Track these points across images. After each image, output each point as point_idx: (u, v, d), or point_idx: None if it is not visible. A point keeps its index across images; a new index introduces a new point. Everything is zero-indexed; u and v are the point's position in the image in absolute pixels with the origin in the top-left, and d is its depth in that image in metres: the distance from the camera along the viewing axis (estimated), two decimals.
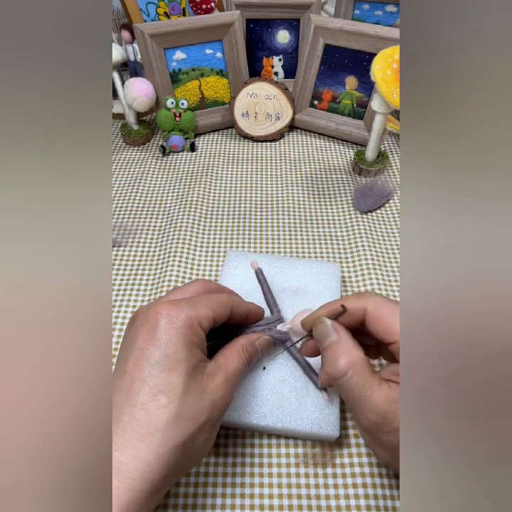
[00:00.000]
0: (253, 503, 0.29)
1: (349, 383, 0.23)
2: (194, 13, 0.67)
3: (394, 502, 0.29)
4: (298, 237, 0.48)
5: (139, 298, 0.42)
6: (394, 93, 0.46)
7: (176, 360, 0.23)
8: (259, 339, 0.30)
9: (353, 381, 0.23)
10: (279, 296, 0.36)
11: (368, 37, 0.55)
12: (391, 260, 0.46)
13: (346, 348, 0.25)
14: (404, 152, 0.21)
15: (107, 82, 0.21)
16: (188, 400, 0.23)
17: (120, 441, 0.21)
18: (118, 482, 0.20)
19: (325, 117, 0.63)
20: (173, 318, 0.24)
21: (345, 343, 0.25)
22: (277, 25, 0.67)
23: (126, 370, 0.23)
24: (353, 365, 0.24)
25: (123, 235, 0.49)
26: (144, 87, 0.56)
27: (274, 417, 0.30)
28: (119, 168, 0.59)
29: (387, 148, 0.63)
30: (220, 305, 0.27)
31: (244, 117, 0.62)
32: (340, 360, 0.24)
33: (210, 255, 0.46)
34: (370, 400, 0.23)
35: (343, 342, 0.25)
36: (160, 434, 0.21)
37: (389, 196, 0.53)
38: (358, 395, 0.23)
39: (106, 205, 0.20)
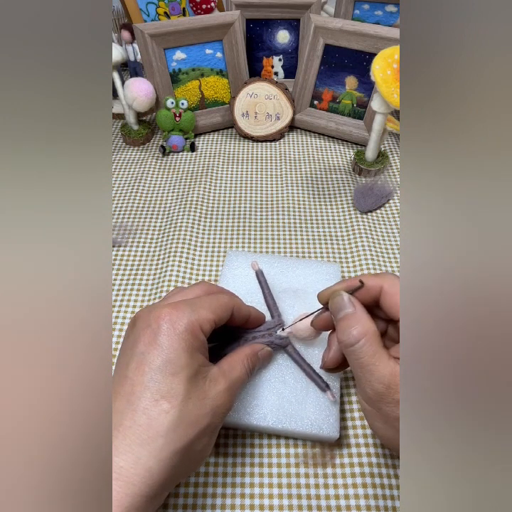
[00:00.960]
0: (253, 503, 0.29)
1: (360, 351, 0.25)
2: (194, 13, 0.67)
3: (394, 502, 0.29)
4: (298, 237, 0.48)
5: (139, 298, 0.42)
6: (394, 93, 0.46)
7: (178, 365, 0.23)
8: (262, 350, 0.30)
9: (364, 349, 0.25)
10: (280, 297, 0.36)
11: (368, 37, 0.55)
12: (391, 260, 0.46)
13: (361, 319, 0.26)
14: (404, 152, 0.21)
15: (107, 82, 0.21)
16: (190, 406, 0.23)
17: (121, 446, 0.21)
18: (118, 487, 0.20)
19: (325, 117, 0.63)
20: (175, 323, 0.24)
21: (360, 315, 0.26)
22: (277, 25, 0.67)
23: (127, 375, 0.23)
24: (366, 335, 0.25)
25: (123, 235, 0.49)
26: (144, 87, 0.56)
27: (274, 417, 0.30)
28: (119, 168, 0.59)
29: (387, 148, 0.63)
30: (221, 306, 0.27)
31: (244, 117, 0.62)
32: (354, 329, 0.25)
33: (210, 255, 0.46)
34: (378, 369, 0.24)
35: (358, 314, 0.26)
36: (161, 440, 0.21)
37: (389, 196, 0.53)
38: (366, 363, 0.24)
39: (106, 205, 0.20)
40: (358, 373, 0.25)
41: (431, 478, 0.17)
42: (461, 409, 0.17)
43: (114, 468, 0.20)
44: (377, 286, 0.27)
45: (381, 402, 0.24)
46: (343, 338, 0.26)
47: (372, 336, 0.25)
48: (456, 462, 0.17)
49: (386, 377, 0.23)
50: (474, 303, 0.18)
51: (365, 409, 0.26)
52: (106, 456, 0.18)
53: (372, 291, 0.27)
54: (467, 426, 0.17)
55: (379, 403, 0.24)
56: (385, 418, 0.24)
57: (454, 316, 0.18)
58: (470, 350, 0.18)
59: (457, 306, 0.18)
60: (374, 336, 0.25)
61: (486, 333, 0.18)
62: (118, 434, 0.21)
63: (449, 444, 0.17)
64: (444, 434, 0.17)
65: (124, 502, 0.20)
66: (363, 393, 0.25)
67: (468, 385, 0.17)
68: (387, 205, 0.53)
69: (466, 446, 0.17)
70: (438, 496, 0.17)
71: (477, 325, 0.18)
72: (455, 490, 0.17)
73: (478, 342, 0.18)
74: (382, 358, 0.24)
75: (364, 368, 0.24)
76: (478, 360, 0.18)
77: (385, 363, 0.24)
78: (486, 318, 0.18)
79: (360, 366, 0.25)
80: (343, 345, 0.26)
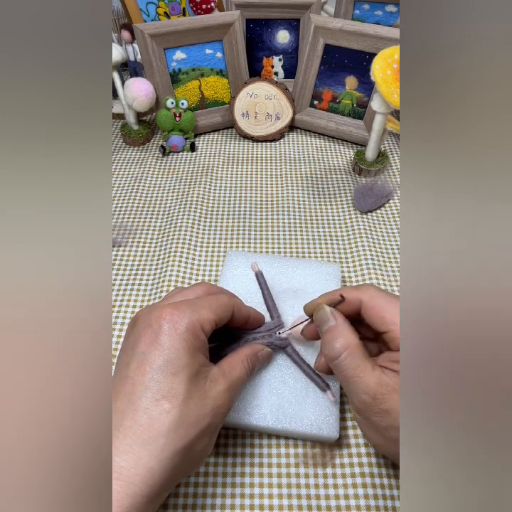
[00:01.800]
0: (253, 503, 0.29)
1: (343, 364, 0.25)
2: (194, 13, 0.67)
3: (394, 502, 0.29)
4: (298, 237, 0.48)
5: (139, 298, 0.42)
6: (394, 93, 0.46)
7: (179, 365, 0.23)
8: (262, 351, 0.30)
9: (346, 362, 0.25)
10: (280, 297, 0.36)
11: (368, 37, 0.55)
12: (391, 260, 0.46)
13: (343, 332, 0.26)
14: (404, 152, 0.21)
15: (107, 82, 0.21)
16: (190, 406, 0.23)
17: (121, 446, 0.21)
18: (119, 487, 0.20)
19: (325, 117, 0.63)
20: (176, 323, 0.24)
21: (342, 327, 0.27)
22: (277, 25, 0.67)
23: (127, 374, 0.23)
24: (347, 348, 0.25)
25: (123, 235, 0.49)
26: (144, 87, 0.56)
27: (274, 418, 0.30)
28: (119, 168, 0.59)
29: (387, 148, 0.63)
30: (221, 306, 0.27)
31: (244, 117, 0.62)
32: (337, 342, 0.26)
33: (210, 255, 0.46)
34: (362, 381, 0.24)
35: (340, 327, 0.27)
36: (162, 440, 0.21)
37: (389, 196, 0.53)
38: (351, 376, 0.25)
39: (106, 205, 0.20)
40: (345, 385, 0.26)
41: (431, 478, 0.17)
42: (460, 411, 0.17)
43: (114, 468, 0.20)
44: (357, 299, 0.28)
45: (369, 413, 0.24)
46: (326, 351, 0.26)
47: (355, 348, 0.25)
48: (456, 462, 0.17)
49: (371, 388, 0.24)
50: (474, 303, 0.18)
51: (356, 419, 0.27)
52: (106, 456, 0.18)
53: (352, 304, 0.28)
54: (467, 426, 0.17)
55: (367, 413, 0.24)
56: (375, 428, 0.25)
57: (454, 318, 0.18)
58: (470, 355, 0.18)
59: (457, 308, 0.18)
60: (356, 348, 0.25)
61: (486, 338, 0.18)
62: (119, 434, 0.21)
63: (448, 445, 0.17)
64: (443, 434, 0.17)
65: (124, 502, 0.20)
66: (352, 404, 0.26)
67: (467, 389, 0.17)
68: (387, 205, 0.53)
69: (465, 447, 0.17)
70: (438, 496, 0.17)
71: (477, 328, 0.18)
72: (455, 490, 0.17)
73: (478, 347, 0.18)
74: (366, 369, 0.24)
75: (349, 381, 0.25)
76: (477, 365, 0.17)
77: (369, 373, 0.24)
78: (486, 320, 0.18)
79: (345, 379, 0.25)
80: (327, 359, 0.27)
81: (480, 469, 0.17)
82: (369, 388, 0.24)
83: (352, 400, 0.25)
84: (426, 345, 0.19)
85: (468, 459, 0.17)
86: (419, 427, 0.18)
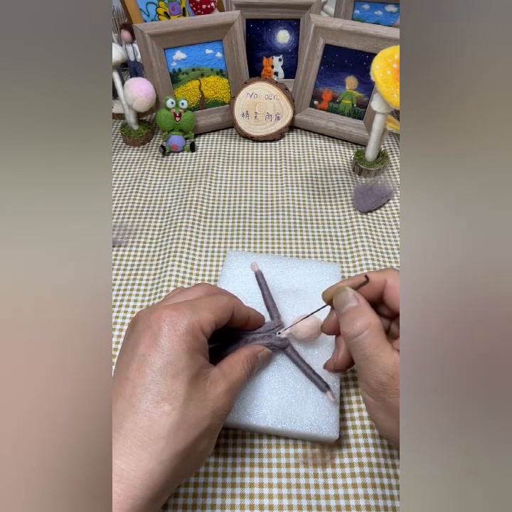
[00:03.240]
0: (253, 503, 0.29)
1: (364, 342, 0.25)
2: (194, 13, 0.67)
3: (394, 502, 0.29)
4: (298, 237, 0.48)
5: (139, 298, 0.42)
6: (394, 93, 0.46)
7: (179, 367, 0.23)
8: (262, 352, 0.30)
9: (367, 340, 0.25)
10: (280, 297, 0.36)
11: (368, 37, 0.55)
12: (391, 260, 0.46)
13: (364, 312, 0.26)
14: (404, 152, 0.21)
15: (107, 82, 0.21)
16: (191, 408, 0.23)
17: (122, 449, 0.21)
18: (120, 490, 0.20)
19: (325, 117, 0.63)
20: (176, 324, 0.24)
21: (363, 308, 0.27)
22: (277, 25, 0.67)
23: (127, 376, 0.23)
24: (369, 326, 0.25)
25: (123, 235, 0.49)
26: (144, 87, 0.56)
27: (274, 418, 0.30)
28: (119, 168, 0.59)
29: (387, 148, 0.63)
30: (221, 307, 0.27)
31: (244, 117, 0.62)
32: (358, 321, 0.26)
33: (210, 255, 0.46)
34: (382, 360, 0.24)
35: (362, 307, 0.27)
36: (162, 442, 0.21)
37: (389, 196, 0.53)
38: (370, 354, 0.25)
39: (106, 205, 0.20)
40: (362, 365, 0.25)
41: (431, 477, 0.17)
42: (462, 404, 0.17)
43: (115, 471, 0.20)
44: (382, 281, 0.28)
45: (385, 393, 0.24)
46: (346, 329, 0.26)
47: (376, 327, 0.25)
48: (456, 462, 0.17)
49: (390, 368, 0.24)
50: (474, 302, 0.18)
51: (367, 401, 0.26)
52: (106, 459, 0.18)
53: (376, 286, 0.28)
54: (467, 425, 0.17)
55: (383, 394, 0.24)
56: (388, 409, 0.24)
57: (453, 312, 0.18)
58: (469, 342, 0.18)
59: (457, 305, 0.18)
60: (377, 327, 0.25)
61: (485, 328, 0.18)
62: (119, 436, 0.21)
63: (449, 444, 0.17)
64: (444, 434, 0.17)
65: (125, 505, 0.20)
66: (365, 385, 0.26)
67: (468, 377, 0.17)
68: (387, 205, 0.53)
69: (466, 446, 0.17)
70: (438, 496, 0.17)
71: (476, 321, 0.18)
72: (455, 490, 0.17)
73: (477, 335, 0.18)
74: (386, 349, 0.25)
75: (368, 359, 0.25)
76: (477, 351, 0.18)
77: (389, 353, 0.24)
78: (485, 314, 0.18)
79: (364, 357, 0.25)
80: (346, 337, 0.26)
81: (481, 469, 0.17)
82: (388, 368, 0.24)
83: (366, 381, 0.25)
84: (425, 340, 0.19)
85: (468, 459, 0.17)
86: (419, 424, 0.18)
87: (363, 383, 0.26)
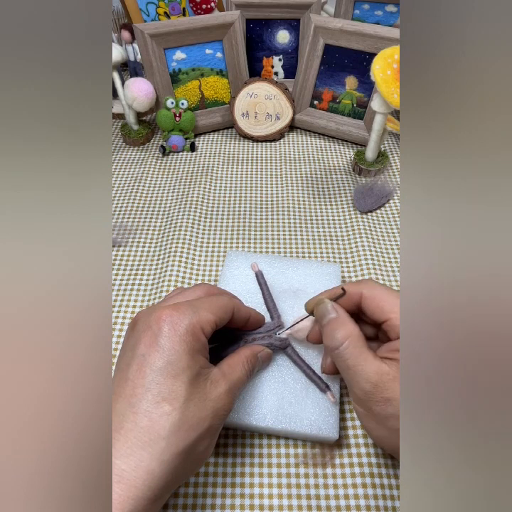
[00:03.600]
0: (253, 503, 0.29)
1: (345, 353, 0.25)
2: (194, 13, 0.67)
3: (394, 502, 0.29)
4: (298, 237, 0.48)
5: (139, 298, 0.42)
6: (394, 93, 0.46)
7: (179, 367, 0.23)
8: (262, 352, 0.30)
9: (348, 351, 0.25)
10: (280, 297, 0.36)
11: (368, 37, 0.55)
12: (391, 260, 0.46)
13: (344, 323, 0.27)
14: (404, 152, 0.21)
15: (107, 82, 0.21)
16: (191, 408, 0.23)
17: (122, 449, 0.21)
18: (120, 490, 0.20)
19: (325, 117, 0.63)
20: (176, 324, 0.24)
21: (342, 319, 0.27)
22: (277, 25, 0.67)
23: (128, 377, 0.23)
24: (349, 337, 0.26)
25: (123, 235, 0.49)
26: (144, 87, 0.56)
27: (274, 418, 0.30)
28: (119, 168, 0.59)
29: (387, 148, 0.63)
30: (221, 307, 0.27)
31: (244, 117, 0.62)
32: (338, 332, 0.26)
33: (210, 255, 0.46)
34: (364, 369, 0.24)
35: (341, 318, 0.27)
36: (163, 442, 0.21)
37: (389, 196, 0.53)
38: (352, 364, 0.25)
39: (106, 205, 0.20)
40: (346, 375, 0.26)
41: (431, 477, 0.17)
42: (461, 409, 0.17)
43: (115, 471, 0.20)
44: (358, 292, 0.29)
45: (370, 402, 0.24)
46: (327, 342, 0.27)
47: (356, 337, 0.26)
48: (456, 462, 0.17)
49: (373, 376, 0.24)
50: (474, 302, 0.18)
51: (357, 411, 0.26)
52: (106, 459, 0.18)
53: (353, 297, 0.29)
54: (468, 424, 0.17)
55: (369, 403, 0.24)
56: (376, 418, 0.25)
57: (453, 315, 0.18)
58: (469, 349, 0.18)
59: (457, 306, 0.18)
60: (358, 337, 0.26)
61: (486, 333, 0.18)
62: (119, 436, 0.21)
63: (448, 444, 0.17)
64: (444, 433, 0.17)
65: (126, 505, 0.20)
66: (353, 395, 0.26)
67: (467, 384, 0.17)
68: (387, 205, 0.53)
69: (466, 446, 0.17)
70: (438, 496, 0.17)
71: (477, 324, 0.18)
72: (455, 490, 0.17)
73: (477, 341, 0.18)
74: (368, 358, 0.25)
75: (351, 369, 0.25)
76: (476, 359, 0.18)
77: (371, 362, 0.25)
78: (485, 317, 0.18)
79: (347, 368, 0.25)
80: (329, 350, 0.27)
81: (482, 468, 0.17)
82: (370, 376, 0.24)
83: (353, 390, 0.26)
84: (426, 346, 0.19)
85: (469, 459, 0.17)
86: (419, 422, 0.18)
87: (350, 393, 0.26)
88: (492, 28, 0.19)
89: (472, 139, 0.19)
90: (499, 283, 0.18)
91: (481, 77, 0.19)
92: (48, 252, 0.19)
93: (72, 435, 0.17)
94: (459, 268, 0.19)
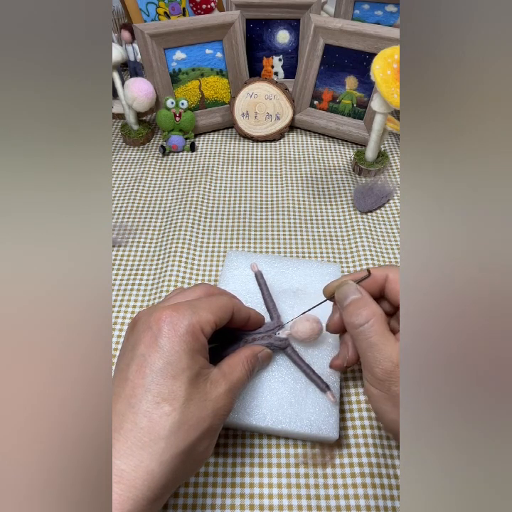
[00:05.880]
0: (253, 503, 0.29)
1: (370, 330, 0.26)
2: (194, 13, 0.67)
3: (394, 502, 0.29)
4: (298, 237, 0.48)
5: (139, 298, 0.42)
6: (394, 93, 0.46)
7: (179, 368, 0.23)
8: (262, 352, 0.30)
9: (373, 329, 0.26)
10: (279, 297, 0.36)
11: (368, 37, 0.55)
12: (391, 260, 0.46)
13: (368, 303, 0.27)
14: (404, 152, 0.21)
15: (107, 82, 0.21)
16: (191, 408, 0.23)
17: (122, 449, 0.21)
18: (120, 490, 0.20)
19: (325, 117, 0.63)
20: (176, 325, 0.24)
21: (367, 299, 0.27)
22: (277, 25, 0.67)
23: (127, 377, 0.23)
24: (374, 315, 0.26)
25: (123, 235, 0.49)
26: (144, 87, 0.56)
27: (274, 418, 0.30)
28: (119, 168, 0.59)
29: (387, 148, 0.63)
30: (221, 308, 0.27)
31: (244, 117, 0.62)
32: (364, 310, 0.26)
33: (210, 255, 0.46)
34: (387, 348, 0.25)
35: (365, 298, 0.27)
36: (163, 442, 0.21)
37: (389, 196, 0.53)
38: (376, 342, 0.25)
39: (106, 205, 0.20)
40: (368, 353, 0.26)
41: (431, 477, 0.17)
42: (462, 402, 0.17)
43: (115, 472, 0.20)
44: (383, 276, 0.29)
45: (390, 382, 0.24)
46: (351, 319, 0.27)
47: (380, 317, 0.26)
48: (456, 461, 0.17)
49: (395, 356, 0.24)
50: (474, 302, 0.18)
51: (371, 394, 0.26)
52: (106, 459, 0.18)
53: (378, 280, 0.29)
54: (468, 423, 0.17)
55: (388, 383, 0.24)
56: (393, 399, 0.25)
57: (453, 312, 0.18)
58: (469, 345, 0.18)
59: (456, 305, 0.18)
60: (382, 317, 0.26)
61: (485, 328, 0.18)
62: (119, 437, 0.21)
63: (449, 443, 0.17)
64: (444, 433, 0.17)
65: (125, 505, 0.20)
66: (370, 376, 0.26)
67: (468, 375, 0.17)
68: (387, 205, 0.53)
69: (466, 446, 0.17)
70: (438, 496, 0.17)
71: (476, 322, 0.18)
72: (455, 490, 0.17)
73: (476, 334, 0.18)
74: (391, 338, 0.25)
75: (373, 347, 0.25)
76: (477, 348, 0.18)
77: (393, 342, 0.25)
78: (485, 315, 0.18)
79: (370, 345, 0.25)
80: (351, 327, 0.27)
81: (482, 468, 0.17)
82: (393, 356, 0.24)
83: (372, 370, 0.25)
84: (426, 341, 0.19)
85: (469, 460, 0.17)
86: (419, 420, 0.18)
87: (367, 374, 0.26)
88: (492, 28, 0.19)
89: (472, 138, 0.19)
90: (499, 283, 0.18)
91: (481, 77, 0.19)
92: (48, 252, 0.19)
93: (72, 435, 0.17)
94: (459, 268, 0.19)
